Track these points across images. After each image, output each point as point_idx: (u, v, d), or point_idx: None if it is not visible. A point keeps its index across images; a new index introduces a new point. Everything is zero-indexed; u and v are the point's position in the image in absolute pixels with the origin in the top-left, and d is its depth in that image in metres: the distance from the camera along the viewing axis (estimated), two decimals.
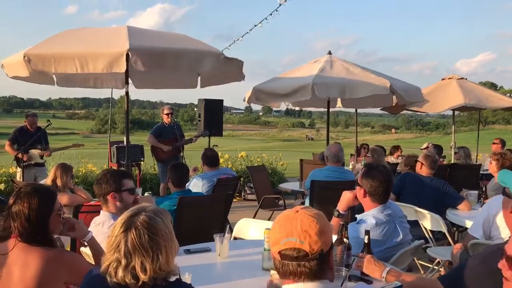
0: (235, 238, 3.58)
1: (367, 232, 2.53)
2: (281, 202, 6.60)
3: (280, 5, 9.27)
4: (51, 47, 4.84)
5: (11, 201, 2.26)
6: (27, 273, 2.16)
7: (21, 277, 2.16)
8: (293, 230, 1.58)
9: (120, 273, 1.65)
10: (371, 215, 2.84)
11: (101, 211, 3.04)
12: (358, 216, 2.90)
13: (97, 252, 2.50)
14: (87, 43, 4.95)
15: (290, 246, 1.58)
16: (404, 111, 10.86)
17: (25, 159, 6.96)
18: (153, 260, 1.66)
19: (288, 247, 1.58)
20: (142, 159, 8.52)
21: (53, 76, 5.85)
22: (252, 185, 8.61)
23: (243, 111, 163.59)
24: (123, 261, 1.65)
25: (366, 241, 2.50)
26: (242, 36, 10.50)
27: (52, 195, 2.37)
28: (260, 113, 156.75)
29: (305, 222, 1.59)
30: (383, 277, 2.32)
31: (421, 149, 9.29)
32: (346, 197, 3.03)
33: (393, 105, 7.54)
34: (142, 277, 1.65)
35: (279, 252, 1.59)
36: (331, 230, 1.69)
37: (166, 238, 1.71)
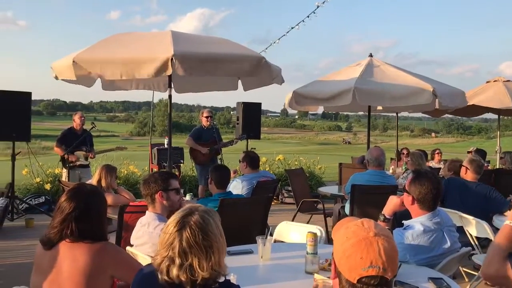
0: (275, 241, 3.59)
1: None
2: (320, 206, 6.55)
3: (317, 7, 9.22)
4: (99, 52, 4.99)
5: (67, 203, 2.33)
6: (76, 267, 2.23)
7: (70, 272, 2.24)
8: (378, 258, 1.49)
9: (174, 271, 1.69)
10: (419, 222, 2.78)
11: (147, 212, 3.12)
12: (406, 222, 2.84)
13: None
14: (133, 49, 5.09)
15: (373, 274, 1.49)
16: (445, 115, 10.61)
17: (73, 159, 7.20)
18: (207, 259, 1.69)
19: (370, 275, 1.49)
20: (182, 161, 8.68)
21: (99, 80, 6.03)
22: (289, 188, 8.60)
23: (279, 114, 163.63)
24: (177, 260, 1.69)
25: None
26: (279, 39, 10.50)
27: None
28: (296, 116, 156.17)
29: (388, 248, 1.52)
30: None
31: (468, 152, 9.03)
32: (393, 202, 2.97)
33: (435, 108, 7.39)
34: (198, 275, 1.68)
35: (359, 279, 1.50)
36: None
37: (218, 238, 1.74)
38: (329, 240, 5.58)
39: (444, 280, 2.47)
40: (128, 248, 3.03)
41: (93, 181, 5.04)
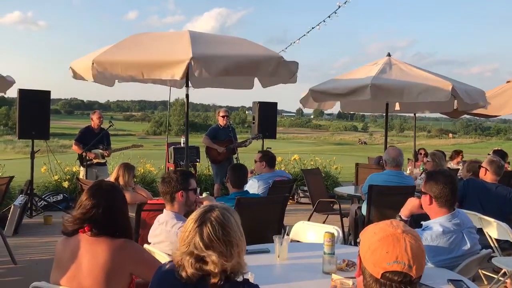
0: (291, 241, 3.58)
1: None
2: (336, 206, 6.51)
3: (339, 7, 9.19)
4: (117, 54, 5.02)
5: (86, 196, 2.37)
6: (95, 263, 2.26)
7: (90, 268, 2.27)
8: (403, 254, 1.49)
9: (194, 267, 1.69)
10: (438, 223, 2.75)
11: (164, 210, 3.13)
12: (424, 223, 2.81)
13: None
14: (151, 50, 5.12)
15: (397, 270, 1.49)
16: (463, 115, 10.46)
17: (92, 156, 7.28)
18: (227, 255, 1.69)
19: (394, 270, 1.49)
20: (198, 160, 8.72)
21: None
22: (305, 188, 8.57)
23: (294, 114, 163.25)
24: (198, 255, 1.69)
25: None
26: (299, 39, 10.53)
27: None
28: (312, 116, 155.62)
29: (415, 246, 1.51)
30: None
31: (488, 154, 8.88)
32: (411, 203, 2.96)
33: (454, 109, 7.31)
34: (217, 271, 1.68)
35: (382, 274, 1.50)
36: None
37: (238, 235, 1.74)
38: (345, 241, 5.58)
39: (463, 282, 2.43)
40: (145, 245, 3.05)
41: (111, 178, 5.09)
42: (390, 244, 1.51)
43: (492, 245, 4.07)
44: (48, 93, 7.49)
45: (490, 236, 4.11)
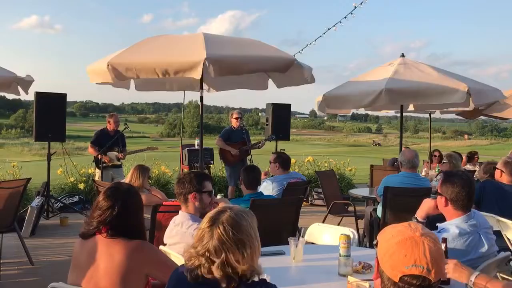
0: (306, 243, 3.56)
1: (444, 240, 2.45)
2: (350, 208, 6.48)
3: (355, 7, 9.19)
4: (132, 56, 5.08)
5: (103, 197, 2.39)
6: (112, 264, 2.28)
7: (106, 269, 2.28)
8: (422, 257, 1.48)
9: (206, 267, 1.69)
10: (454, 225, 2.72)
11: (180, 211, 3.14)
12: (440, 225, 2.78)
13: None
14: (166, 52, 5.17)
15: (416, 273, 1.47)
16: (480, 116, 10.32)
17: (106, 160, 7.35)
18: (239, 257, 1.68)
19: (413, 274, 1.48)
20: (212, 162, 8.75)
21: (132, 81, 6.14)
22: (319, 190, 8.55)
23: (307, 116, 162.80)
24: (212, 257, 1.69)
25: (444, 249, 2.40)
26: (315, 40, 10.56)
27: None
28: (325, 118, 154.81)
29: (433, 249, 1.50)
30: (471, 281, 2.20)
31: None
32: (427, 204, 2.93)
33: (470, 109, 7.22)
34: (235, 270, 1.68)
35: (401, 277, 1.49)
36: None
37: (250, 238, 1.73)
38: (360, 243, 5.54)
39: None
40: (161, 247, 3.06)
41: (126, 180, 5.12)
42: (409, 248, 1.50)
43: (510, 247, 4.01)
44: (64, 96, 7.58)
45: (508, 239, 4.05)
